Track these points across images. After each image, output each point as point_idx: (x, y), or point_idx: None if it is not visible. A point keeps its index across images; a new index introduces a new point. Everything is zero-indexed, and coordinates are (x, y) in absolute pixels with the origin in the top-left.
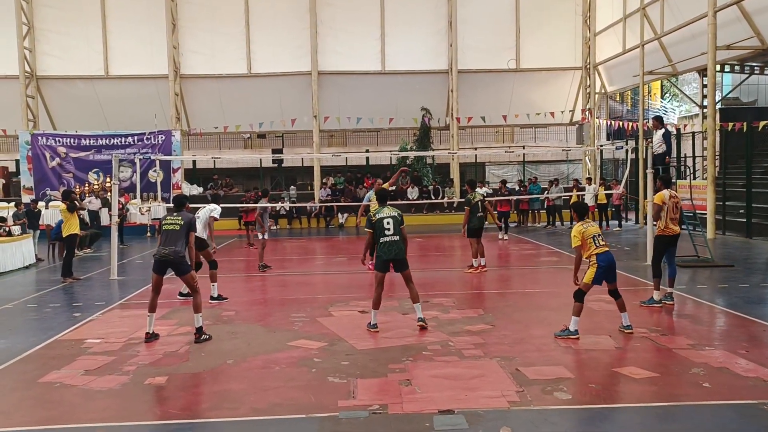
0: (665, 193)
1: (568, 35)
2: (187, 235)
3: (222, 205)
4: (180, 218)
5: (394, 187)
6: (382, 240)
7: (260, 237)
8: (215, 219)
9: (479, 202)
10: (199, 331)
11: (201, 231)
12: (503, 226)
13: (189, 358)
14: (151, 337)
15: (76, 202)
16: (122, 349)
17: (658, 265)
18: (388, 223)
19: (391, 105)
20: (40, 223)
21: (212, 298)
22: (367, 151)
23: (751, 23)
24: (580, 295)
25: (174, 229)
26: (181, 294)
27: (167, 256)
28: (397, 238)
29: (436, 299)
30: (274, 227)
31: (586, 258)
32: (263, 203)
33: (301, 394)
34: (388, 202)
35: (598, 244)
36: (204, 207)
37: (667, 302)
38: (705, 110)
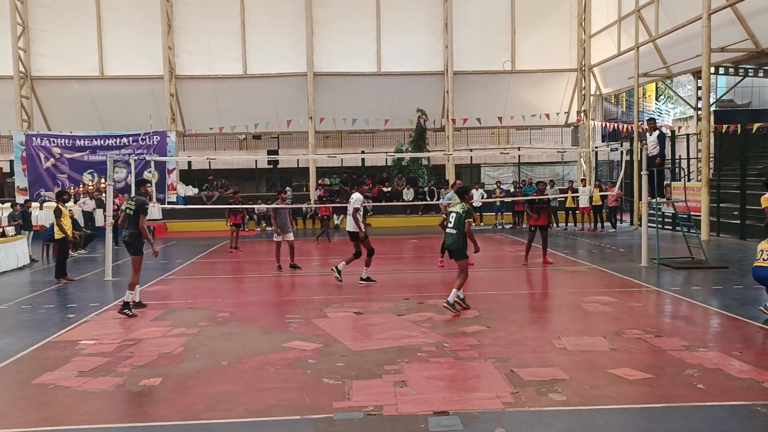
0: None
1: (564, 37)
2: (137, 217)
3: (216, 207)
4: (133, 202)
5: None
6: (446, 230)
7: (277, 238)
8: (357, 209)
9: None
10: (127, 306)
11: (352, 225)
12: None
13: (183, 359)
14: (137, 305)
15: (60, 207)
16: (116, 351)
17: None
18: (451, 216)
19: (386, 106)
20: (34, 224)
21: (361, 279)
22: (363, 152)
23: (745, 26)
24: None
25: (129, 214)
26: (362, 279)
27: (124, 238)
28: (454, 231)
29: (431, 300)
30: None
31: None
32: (278, 203)
33: (295, 395)
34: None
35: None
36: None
37: None
38: (699, 112)
